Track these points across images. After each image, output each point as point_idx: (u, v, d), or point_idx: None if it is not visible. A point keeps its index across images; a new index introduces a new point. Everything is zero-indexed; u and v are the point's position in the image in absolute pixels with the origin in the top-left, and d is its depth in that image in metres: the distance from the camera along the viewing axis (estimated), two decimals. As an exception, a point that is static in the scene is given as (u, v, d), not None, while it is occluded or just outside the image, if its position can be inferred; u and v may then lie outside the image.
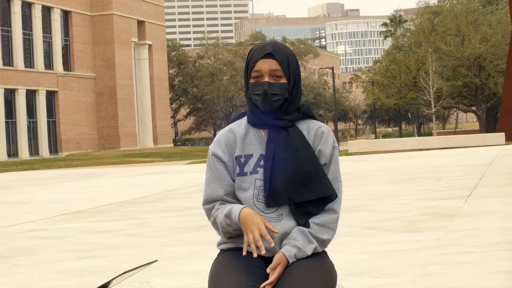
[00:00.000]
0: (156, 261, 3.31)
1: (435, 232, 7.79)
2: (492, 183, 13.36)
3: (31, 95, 56.90)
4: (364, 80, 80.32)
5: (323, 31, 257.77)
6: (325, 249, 3.06)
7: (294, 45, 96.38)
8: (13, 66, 55.10)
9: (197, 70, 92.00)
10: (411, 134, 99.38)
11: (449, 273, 5.56)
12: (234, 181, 3.07)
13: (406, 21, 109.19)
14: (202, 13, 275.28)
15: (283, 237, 2.99)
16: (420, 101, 67.18)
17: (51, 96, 59.21)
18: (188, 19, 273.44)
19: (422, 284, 5.26)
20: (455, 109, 79.97)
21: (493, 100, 66.86)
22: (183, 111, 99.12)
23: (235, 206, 2.98)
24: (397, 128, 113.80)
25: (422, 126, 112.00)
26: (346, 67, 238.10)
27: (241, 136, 3.08)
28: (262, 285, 2.84)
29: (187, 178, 21.53)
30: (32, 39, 57.22)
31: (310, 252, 2.95)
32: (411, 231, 8.04)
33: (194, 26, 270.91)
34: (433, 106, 62.53)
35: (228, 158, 3.07)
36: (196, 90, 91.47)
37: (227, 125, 3.18)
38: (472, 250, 6.47)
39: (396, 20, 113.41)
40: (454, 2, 70.07)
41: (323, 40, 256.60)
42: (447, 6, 70.06)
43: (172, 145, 74.32)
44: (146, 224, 10.37)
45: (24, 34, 56.38)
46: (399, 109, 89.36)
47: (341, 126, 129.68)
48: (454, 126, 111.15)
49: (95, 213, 12.52)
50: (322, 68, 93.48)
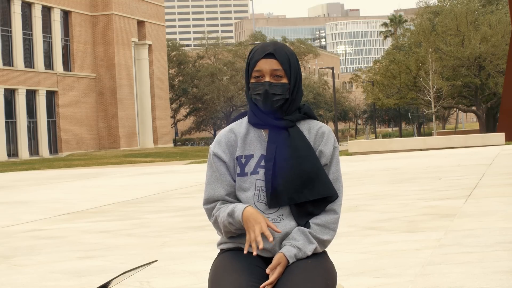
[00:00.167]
0: (156, 261, 3.30)
1: (435, 232, 7.78)
2: (492, 183, 13.36)
3: (31, 95, 56.90)
4: (364, 80, 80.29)
5: (323, 31, 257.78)
6: (325, 249, 3.06)
7: (294, 45, 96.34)
8: (13, 66, 55.11)
9: (197, 70, 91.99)
10: (411, 134, 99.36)
11: (449, 273, 5.56)
12: (234, 181, 3.07)
13: (406, 21, 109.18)
14: (202, 13, 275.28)
15: (284, 237, 2.99)
16: (420, 101, 67.17)
17: (51, 96, 59.21)
18: (188, 19, 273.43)
19: (422, 284, 5.26)
20: (455, 109, 79.96)
21: (493, 100, 66.85)
22: (183, 111, 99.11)
23: (238, 205, 2.97)
24: (397, 128, 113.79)
25: (422, 126, 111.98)
26: (346, 67, 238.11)
27: (241, 136, 3.07)
28: (262, 285, 2.84)
29: (187, 178, 21.53)
30: (32, 39, 57.22)
31: (310, 252, 2.95)
32: (411, 231, 8.04)
33: (194, 26, 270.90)
34: (433, 106, 62.51)
35: (229, 158, 3.07)
36: (196, 90, 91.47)
37: (227, 125, 3.17)
38: (472, 250, 6.47)
39: (396, 20, 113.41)
40: (454, 2, 70.05)
41: (323, 40, 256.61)
42: (447, 6, 70.05)
43: (172, 145, 74.31)
44: (146, 224, 10.37)
45: (24, 34, 56.37)
46: (399, 109, 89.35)
47: (341, 126, 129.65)
48: (454, 126, 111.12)
49: (95, 213, 12.52)
50: (322, 68, 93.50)
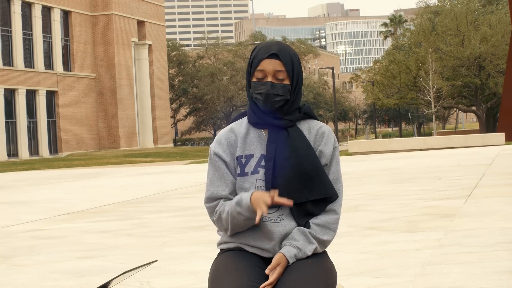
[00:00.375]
0: (156, 261, 3.30)
1: (435, 232, 7.78)
2: (492, 183, 13.36)
3: (31, 95, 56.89)
4: (364, 80, 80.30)
5: (323, 31, 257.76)
6: (325, 249, 3.05)
7: (294, 45, 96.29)
8: (13, 66, 55.10)
9: (197, 70, 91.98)
10: (411, 134, 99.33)
11: (449, 273, 5.56)
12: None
13: (406, 21, 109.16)
14: (202, 13, 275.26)
15: (283, 237, 2.99)
16: (420, 101, 67.16)
17: (51, 96, 59.20)
18: (188, 19, 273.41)
19: (422, 284, 5.26)
20: (455, 109, 79.96)
21: (493, 100, 66.84)
22: (183, 111, 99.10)
23: (244, 194, 2.96)
24: (397, 128, 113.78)
25: (422, 126, 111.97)
26: (346, 67, 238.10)
27: (242, 136, 3.07)
28: (262, 285, 2.84)
29: (187, 178, 21.53)
30: (32, 39, 57.21)
31: (310, 252, 2.95)
32: (411, 231, 8.04)
33: (194, 26, 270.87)
34: (433, 106, 62.51)
35: (229, 158, 3.06)
36: (196, 90, 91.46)
37: (227, 125, 3.17)
38: (472, 250, 6.47)
39: (396, 20, 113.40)
40: (454, 2, 70.05)
41: (323, 40, 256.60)
42: (447, 6, 70.06)
43: (172, 145, 74.30)
44: (146, 224, 10.37)
45: (24, 34, 56.36)
46: (399, 109, 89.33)
47: (341, 126, 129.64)
48: (454, 126, 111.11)
49: (95, 213, 12.52)
50: (322, 68, 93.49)
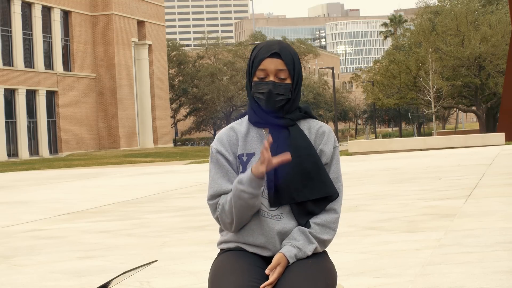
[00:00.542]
0: (156, 261, 3.30)
1: (435, 232, 7.78)
2: (492, 183, 13.36)
3: (31, 95, 56.89)
4: (364, 80, 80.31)
5: (323, 31, 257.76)
6: (325, 249, 3.05)
7: (294, 45, 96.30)
8: (13, 66, 55.10)
9: (197, 70, 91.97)
10: (411, 134, 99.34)
11: (449, 273, 5.56)
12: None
13: (406, 21, 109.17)
14: (202, 13, 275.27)
15: (283, 236, 2.99)
16: (420, 101, 67.18)
17: (51, 96, 59.20)
18: (188, 19, 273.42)
19: (422, 284, 5.26)
20: (455, 109, 79.97)
21: (493, 100, 66.85)
22: (183, 111, 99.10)
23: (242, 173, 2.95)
24: (397, 128, 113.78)
25: (422, 126, 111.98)
26: (346, 67, 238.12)
27: (242, 135, 3.07)
28: (262, 285, 2.84)
29: (187, 178, 21.53)
30: (32, 39, 57.21)
31: (310, 252, 2.95)
32: (411, 231, 8.03)
33: (194, 26, 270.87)
34: (433, 106, 62.51)
35: (231, 156, 3.06)
36: (196, 90, 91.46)
37: (227, 125, 3.17)
38: (472, 250, 6.47)
39: (396, 20, 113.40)
40: (454, 2, 70.04)
41: (323, 40, 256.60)
42: (447, 6, 70.06)
43: (172, 145, 74.30)
44: (146, 224, 10.36)
45: (24, 34, 56.37)
46: (399, 109, 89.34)
47: (341, 126, 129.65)
48: (454, 126, 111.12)
49: (95, 213, 12.52)
50: (322, 68, 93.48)
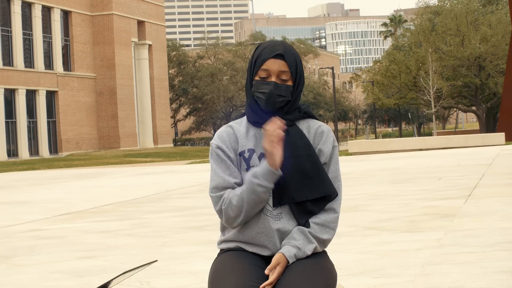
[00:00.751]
0: (156, 261, 3.30)
1: (435, 232, 7.78)
2: (492, 183, 13.35)
3: (31, 95, 56.89)
4: (364, 80, 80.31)
5: (323, 31, 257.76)
6: (325, 249, 3.05)
7: (294, 45, 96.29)
8: (13, 66, 55.10)
9: (197, 70, 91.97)
10: (411, 134, 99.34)
11: (449, 273, 5.56)
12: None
13: (406, 21, 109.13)
14: (202, 13, 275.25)
15: (283, 236, 2.99)
16: (420, 101, 67.17)
17: (51, 96, 59.20)
18: (188, 19, 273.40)
19: (422, 284, 5.25)
20: (455, 109, 79.96)
21: (493, 100, 66.85)
22: (183, 111, 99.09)
23: (254, 168, 2.95)
24: (397, 128, 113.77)
25: (422, 126, 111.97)
26: (346, 67, 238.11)
27: (241, 134, 3.06)
28: (262, 285, 2.84)
29: (187, 178, 21.53)
30: (32, 39, 57.20)
31: (310, 252, 2.95)
32: (411, 231, 8.03)
33: (194, 26, 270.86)
34: (433, 106, 62.51)
35: (232, 153, 3.05)
36: (196, 90, 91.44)
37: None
38: (472, 250, 6.47)
39: (396, 20, 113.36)
40: (454, 2, 70.03)
41: (323, 40, 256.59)
42: (447, 6, 70.05)
43: (172, 145, 74.29)
44: (146, 224, 10.36)
45: (24, 34, 56.36)
46: (399, 109, 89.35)
47: (341, 126, 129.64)
48: (454, 126, 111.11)
49: (95, 213, 12.52)
50: (322, 68, 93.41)
